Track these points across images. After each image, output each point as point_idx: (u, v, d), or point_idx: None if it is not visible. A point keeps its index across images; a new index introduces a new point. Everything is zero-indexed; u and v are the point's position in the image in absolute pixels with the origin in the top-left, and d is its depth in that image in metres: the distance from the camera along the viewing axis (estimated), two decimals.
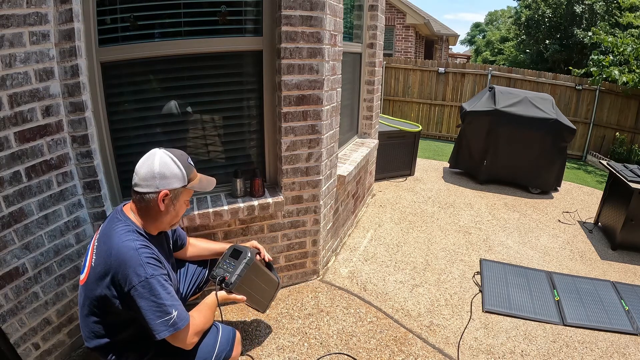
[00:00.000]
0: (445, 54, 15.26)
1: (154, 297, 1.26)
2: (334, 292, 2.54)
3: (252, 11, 2.07)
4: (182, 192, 1.42)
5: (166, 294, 1.29)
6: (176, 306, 1.31)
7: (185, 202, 1.46)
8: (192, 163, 1.47)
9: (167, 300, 1.28)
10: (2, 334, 1.55)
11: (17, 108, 1.50)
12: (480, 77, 7.65)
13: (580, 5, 9.87)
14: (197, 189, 1.46)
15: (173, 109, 2.09)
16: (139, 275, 1.25)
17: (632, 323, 2.47)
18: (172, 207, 1.41)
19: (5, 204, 1.51)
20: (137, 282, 1.24)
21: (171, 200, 1.40)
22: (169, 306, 1.28)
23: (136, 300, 1.25)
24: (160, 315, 1.27)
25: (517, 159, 4.74)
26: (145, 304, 1.26)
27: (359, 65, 3.46)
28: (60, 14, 1.58)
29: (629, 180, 3.42)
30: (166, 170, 1.36)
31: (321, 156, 2.32)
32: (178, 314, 1.30)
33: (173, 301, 1.31)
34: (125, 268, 1.25)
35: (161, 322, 1.27)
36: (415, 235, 3.46)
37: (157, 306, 1.26)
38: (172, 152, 1.42)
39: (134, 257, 1.26)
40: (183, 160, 1.42)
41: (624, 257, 3.43)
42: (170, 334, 1.29)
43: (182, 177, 1.39)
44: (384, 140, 4.33)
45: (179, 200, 1.42)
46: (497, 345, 2.20)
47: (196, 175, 1.47)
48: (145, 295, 1.25)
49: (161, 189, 1.36)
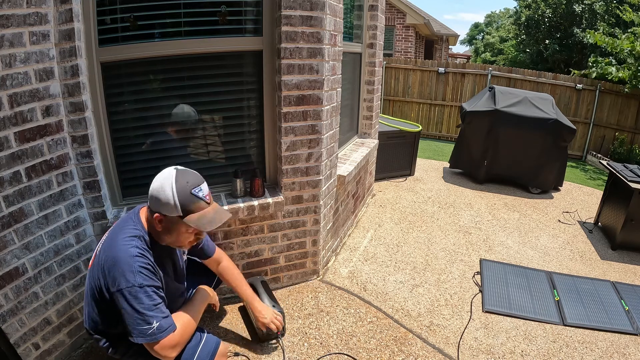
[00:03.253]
0: (445, 54, 15.26)
1: (138, 305, 1.26)
2: (334, 292, 2.54)
3: (252, 11, 2.07)
4: (179, 222, 1.32)
5: (151, 305, 1.28)
6: (159, 318, 1.28)
7: (187, 232, 1.35)
8: (201, 194, 1.33)
9: (149, 310, 1.27)
10: (2, 334, 1.55)
11: (17, 108, 1.50)
12: (480, 77, 7.65)
13: (579, 4, 9.86)
14: (193, 225, 1.31)
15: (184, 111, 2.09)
16: (128, 281, 1.26)
17: (632, 323, 2.47)
18: (169, 232, 1.35)
19: (5, 204, 1.51)
20: (124, 287, 1.26)
21: (168, 226, 1.33)
22: (150, 317, 1.27)
23: (121, 302, 1.27)
24: (140, 323, 1.27)
25: (517, 159, 4.74)
26: (129, 309, 1.27)
27: (359, 65, 3.46)
28: (60, 14, 1.58)
29: (629, 180, 3.42)
30: (161, 194, 1.30)
31: (321, 156, 2.32)
32: (159, 326, 1.28)
33: (157, 313, 1.29)
34: (116, 270, 1.27)
35: (140, 330, 1.27)
36: (415, 235, 3.46)
37: (139, 314, 1.27)
38: (182, 176, 1.32)
39: (128, 263, 1.27)
40: (184, 189, 1.30)
41: (624, 257, 3.43)
42: (146, 342, 1.29)
43: (173, 207, 1.29)
44: (384, 140, 4.33)
45: (177, 228, 1.33)
46: (497, 345, 2.20)
47: (200, 208, 1.33)
48: (130, 301, 1.26)
49: (157, 212, 1.32)
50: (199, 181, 1.36)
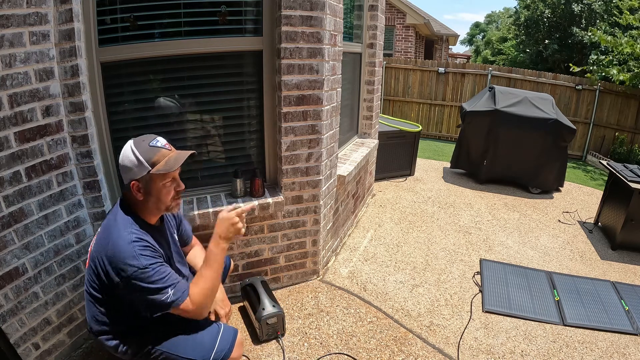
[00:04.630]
0: (445, 54, 15.27)
1: (149, 285, 1.29)
2: (334, 292, 2.54)
3: (252, 11, 2.07)
4: (152, 178, 1.37)
5: (160, 279, 1.31)
6: (173, 286, 1.32)
7: (164, 185, 1.39)
8: (159, 144, 1.39)
9: (160, 283, 1.30)
10: (2, 334, 1.55)
11: (17, 108, 1.50)
12: (480, 77, 7.65)
13: (579, 4, 9.87)
14: (163, 171, 1.36)
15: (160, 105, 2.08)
16: (132, 267, 1.27)
17: (632, 323, 2.47)
18: (150, 195, 1.39)
19: (5, 204, 1.51)
20: (130, 273, 1.27)
21: (144, 188, 1.38)
22: (163, 288, 1.30)
23: (130, 289, 1.29)
24: (156, 299, 1.30)
25: (517, 159, 4.74)
26: (141, 293, 1.29)
27: (359, 65, 3.46)
28: (60, 14, 1.59)
29: (629, 180, 3.42)
30: (127, 161, 1.36)
31: (321, 156, 2.32)
32: (175, 291, 1.32)
33: (167, 282, 1.32)
34: (117, 259, 1.29)
35: (159, 303, 1.30)
36: (415, 235, 3.46)
37: (152, 292, 1.29)
38: (138, 139, 1.39)
39: (127, 249, 1.29)
40: (143, 145, 1.37)
41: (624, 257, 3.43)
42: (169, 310, 1.31)
43: (140, 165, 1.34)
44: (384, 140, 4.33)
45: (153, 186, 1.38)
46: (497, 345, 2.20)
47: (163, 157, 1.38)
48: (140, 285, 1.28)
49: (130, 180, 1.37)
50: (154, 136, 1.42)
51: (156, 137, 1.42)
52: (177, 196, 1.46)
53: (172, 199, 1.44)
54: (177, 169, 1.42)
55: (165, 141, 1.43)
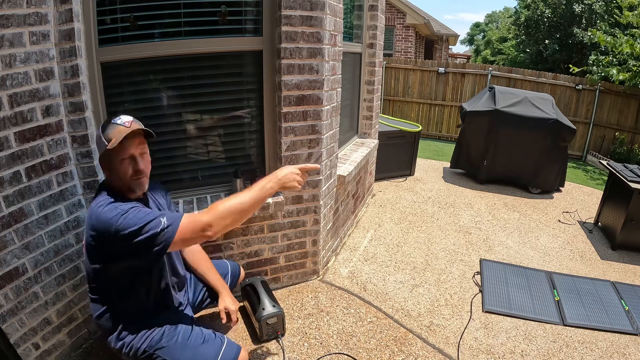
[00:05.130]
0: (445, 54, 15.27)
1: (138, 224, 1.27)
2: (334, 292, 2.54)
3: (252, 11, 2.07)
4: (109, 154, 1.36)
5: (145, 215, 1.30)
6: (161, 214, 1.31)
7: (121, 161, 1.37)
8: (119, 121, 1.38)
9: (151, 215, 1.30)
10: (2, 334, 1.55)
11: (17, 108, 1.50)
12: (480, 77, 7.65)
13: (579, 4, 9.87)
14: (111, 145, 1.33)
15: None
16: (117, 216, 1.28)
17: (632, 323, 2.47)
18: (111, 171, 1.40)
19: (5, 204, 1.51)
20: (116, 223, 1.27)
21: (106, 165, 1.41)
22: (153, 220, 1.29)
23: (122, 238, 1.27)
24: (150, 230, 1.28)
25: (517, 159, 4.74)
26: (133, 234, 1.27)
27: (359, 65, 3.46)
28: (60, 14, 1.58)
29: (629, 180, 3.42)
30: (95, 139, 1.44)
31: (321, 156, 2.32)
32: (166, 219, 1.30)
33: (156, 214, 1.31)
34: (102, 220, 1.29)
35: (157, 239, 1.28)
36: (415, 235, 3.46)
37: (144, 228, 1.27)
38: (107, 119, 1.45)
39: (109, 209, 1.31)
40: (107, 123, 1.39)
41: (624, 257, 3.43)
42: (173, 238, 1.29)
43: (100, 141, 1.37)
44: (384, 140, 4.33)
45: (112, 162, 1.38)
46: (497, 345, 2.20)
47: (119, 133, 1.35)
48: (130, 227, 1.27)
49: (99, 158, 1.42)
50: (121, 115, 1.42)
51: (121, 115, 1.41)
52: (136, 175, 1.42)
53: (130, 177, 1.41)
54: (136, 147, 1.39)
55: (130, 118, 1.40)
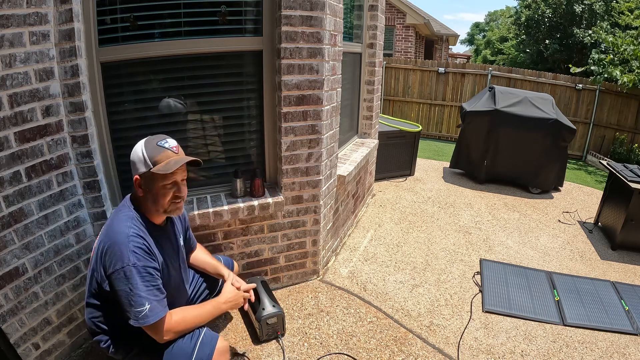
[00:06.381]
0: (445, 54, 15.26)
1: (130, 286, 1.29)
2: (334, 292, 2.54)
3: (252, 11, 2.07)
4: (154, 177, 1.38)
5: (143, 286, 1.31)
6: (151, 300, 1.31)
7: (164, 186, 1.39)
8: (167, 144, 1.41)
9: (142, 292, 1.30)
10: (2, 334, 1.55)
11: (17, 108, 1.50)
12: (480, 77, 7.65)
13: (580, 5, 9.87)
14: (161, 171, 1.36)
15: (169, 106, 2.09)
16: (123, 261, 1.29)
17: (632, 323, 2.47)
18: (149, 192, 1.41)
19: (5, 204, 1.51)
20: (119, 267, 1.29)
21: (145, 185, 1.40)
22: (143, 298, 1.30)
23: (116, 283, 1.30)
24: (133, 305, 1.30)
25: (517, 159, 4.74)
26: (122, 290, 1.30)
27: (359, 65, 3.46)
28: (60, 14, 1.58)
29: (629, 180, 3.42)
30: (134, 156, 1.41)
31: (321, 156, 2.32)
32: (151, 308, 1.31)
33: (149, 295, 1.31)
34: (113, 251, 1.31)
35: (132, 312, 1.30)
36: (415, 235, 3.46)
37: (132, 295, 1.30)
38: (150, 137, 1.43)
39: (124, 242, 1.31)
40: (151, 143, 1.40)
41: (624, 257, 3.43)
42: (139, 325, 1.32)
43: (143, 162, 1.37)
44: (384, 140, 4.33)
45: (154, 185, 1.39)
46: (497, 345, 2.20)
47: (166, 157, 1.39)
48: (123, 282, 1.29)
49: (135, 175, 1.41)
50: (166, 137, 1.45)
51: (166, 138, 1.44)
52: (176, 200, 1.45)
53: (169, 202, 1.43)
54: (181, 174, 1.43)
55: (175, 143, 1.45)
